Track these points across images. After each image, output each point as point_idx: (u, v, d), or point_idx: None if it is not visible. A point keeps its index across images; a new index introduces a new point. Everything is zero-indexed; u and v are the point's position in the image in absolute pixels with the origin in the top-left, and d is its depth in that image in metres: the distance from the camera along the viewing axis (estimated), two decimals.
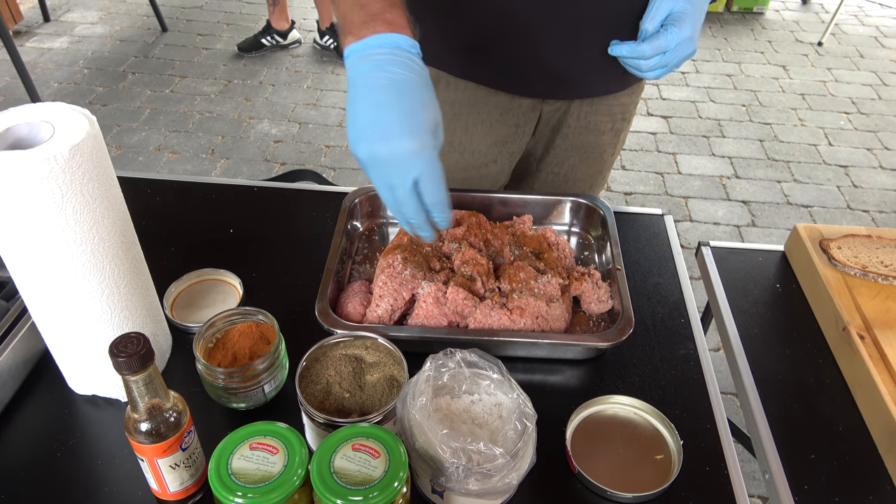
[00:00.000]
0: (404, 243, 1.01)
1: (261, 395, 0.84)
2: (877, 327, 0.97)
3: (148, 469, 0.70)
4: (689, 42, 0.99)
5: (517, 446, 0.71)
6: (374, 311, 0.93)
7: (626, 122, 1.31)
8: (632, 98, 1.27)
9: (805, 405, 0.93)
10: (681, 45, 0.98)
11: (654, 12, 0.98)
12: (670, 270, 1.09)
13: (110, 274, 0.77)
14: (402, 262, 0.97)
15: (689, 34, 0.98)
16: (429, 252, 1.01)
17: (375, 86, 0.78)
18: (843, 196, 3.06)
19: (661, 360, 0.95)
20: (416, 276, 0.96)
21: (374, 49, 0.79)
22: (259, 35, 3.92)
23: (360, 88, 0.78)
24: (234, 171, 3.08)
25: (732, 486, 0.80)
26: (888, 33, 4.51)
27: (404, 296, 0.94)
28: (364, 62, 0.79)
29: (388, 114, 0.77)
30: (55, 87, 3.59)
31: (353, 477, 0.63)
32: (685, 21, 0.97)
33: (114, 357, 0.60)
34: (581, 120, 1.25)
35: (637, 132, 3.39)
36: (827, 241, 1.10)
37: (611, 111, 1.26)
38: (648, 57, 0.99)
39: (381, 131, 0.76)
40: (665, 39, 0.97)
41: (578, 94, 1.21)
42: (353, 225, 1.10)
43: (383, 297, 0.94)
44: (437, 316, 0.92)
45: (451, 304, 0.92)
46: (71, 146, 0.67)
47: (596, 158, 1.32)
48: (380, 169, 0.78)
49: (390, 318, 0.93)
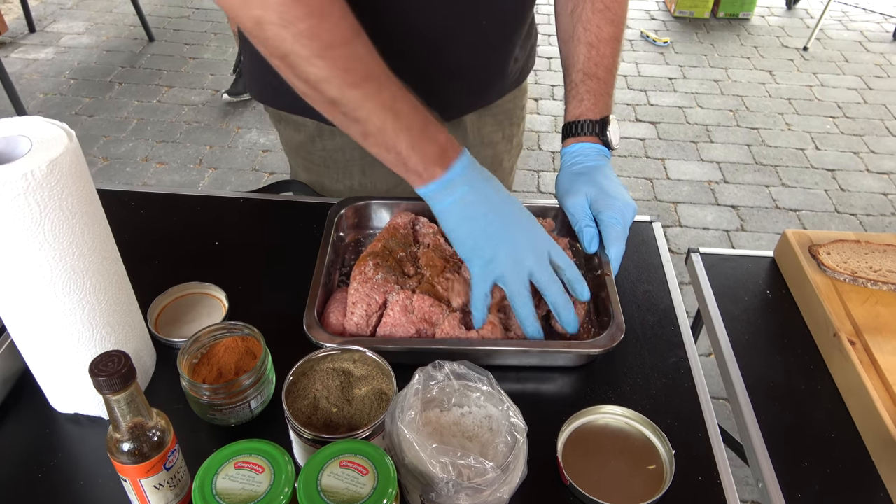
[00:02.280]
0: (377, 250, 1.00)
1: (247, 411, 0.83)
2: (867, 333, 0.96)
3: (131, 490, 0.69)
4: (621, 212, 1.01)
5: (508, 459, 0.70)
6: (351, 318, 0.92)
7: (515, 126, 1.33)
8: (515, 103, 1.30)
9: (797, 412, 0.93)
10: (623, 220, 1.01)
11: (585, 237, 1.01)
12: (659, 278, 1.09)
13: (91, 290, 0.75)
14: (374, 267, 0.96)
15: (618, 216, 1.01)
16: (403, 258, 1.00)
17: (473, 214, 0.88)
18: (830, 200, 3.08)
19: (651, 369, 0.94)
20: (388, 281, 0.95)
21: (448, 184, 0.87)
22: (242, 76, 3.72)
23: (456, 216, 0.89)
24: (222, 180, 3.07)
25: (725, 495, 0.79)
26: (872, 38, 4.55)
27: (377, 299, 0.93)
28: (446, 197, 0.88)
29: (501, 214, 0.89)
30: (41, 99, 3.57)
31: (341, 495, 0.61)
32: (609, 207, 1.01)
33: (94, 376, 0.59)
34: (475, 135, 1.27)
35: (626, 138, 3.40)
36: (816, 246, 1.10)
37: (497, 119, 1.28)
38: (619, 254, 1.01)
39: (503, 228, 0.88)
40: (614, 247, 1.00)
41: (470, 106, 1.22)
42: (339, 236, 1.09)
43: (356, 303, 0.93)
44: (405, 324, 0.91)
45: (418, 312, 0.92)
46: (49, 161, 0.65)
47: (497, 168, 1.34)
48: (513, 262, 0.87)
49: (367, 324, 0.92)
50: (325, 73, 0.81)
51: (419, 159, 0.86)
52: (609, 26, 1.07)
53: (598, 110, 1.07)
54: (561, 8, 1.11)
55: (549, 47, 4.15)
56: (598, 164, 1.06)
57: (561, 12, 1.11)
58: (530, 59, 1.28)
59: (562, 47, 1.12)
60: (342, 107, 0.83)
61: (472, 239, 0.89)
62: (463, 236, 0.89)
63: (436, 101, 1.17)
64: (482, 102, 1.23)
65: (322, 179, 1.26)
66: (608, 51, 1.07)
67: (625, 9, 1.09)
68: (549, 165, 3.23)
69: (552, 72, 4.02)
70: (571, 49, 1.09)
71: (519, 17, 1.12)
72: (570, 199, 1.03)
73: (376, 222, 1.14)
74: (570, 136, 1.08)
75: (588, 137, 1.07)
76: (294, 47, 0.79)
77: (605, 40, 1.07)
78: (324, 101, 0.84)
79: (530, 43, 1.23)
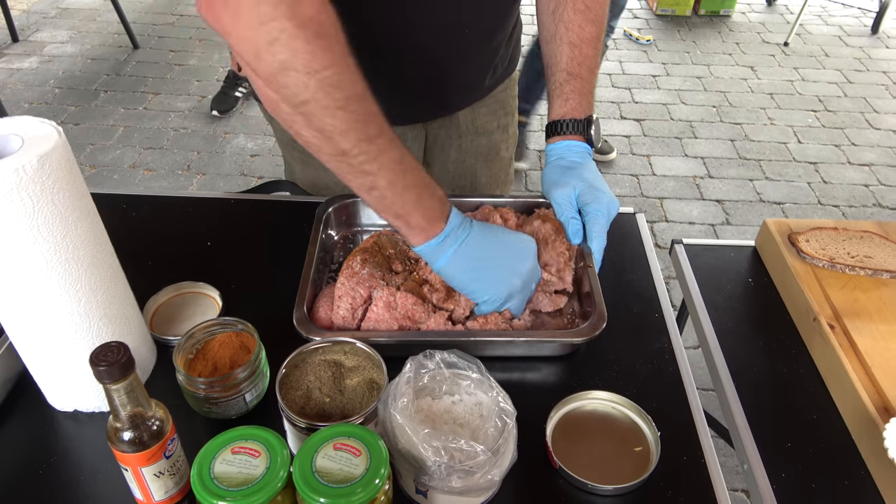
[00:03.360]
0: (368, 246, 1.02)
1: (242, 403, 0.84)
2: (846, 317, 0.99)
3: (132, 478, 0.70)
4: (607, 206, 1.05)
5: (498, 443, 0.72)
6: (337, 312, 0.94)
7: (509, 115, 1.36)
8: (507, 93, 1.32)
9: (780, 396, 0.95)
10: (608, 214, 1.05)
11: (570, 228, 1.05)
12: (643, 267, 1.11)
13: (86, 282, 0.77)
14: (361, 262, 0.98)
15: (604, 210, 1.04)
16: (392, 254, 1.02)
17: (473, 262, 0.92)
18: (813, 192, 3.12)
19: (636, 355, 0.96)
20: (374, 276, 0.96)
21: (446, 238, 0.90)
22: (226, 89, 3.58)
23: (460, 268, 0.92)
24: (210, 185, 3.07)
25: (710, 473, 0.82)
26: (851, 32, 4.60)
27: (361, 293, 0.95)
28: (447, 249, 0.91)
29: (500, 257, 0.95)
30: (26, 108, 3.56)
31: (335, 475, 0.63)
32: (596, 200, 1.04)
33: (94, 366, 0.61)
34: (469, 126, 1.29)
35: (611, 135, 3.43)
36: (795, 234, 1.12)
37: (491, 109, 1.30)
38: (601, 247, 1.05)
39: (503, 271, 0.94)
40: (597, 240, 1.03)
41: (460, 104, 1.25)
42: (327, 234, 1.10)
43: (342, 297, 0.94)
44: (388, 320, 0.93)
45: (401, 309, 0.94)
46: (39, 156, 0.67)
47: (493, 158, 1.37)
48: (521, 287, 0.95)
49: (353, 317, 0.94)
50: (344, 126, 0.79)
51: (422, 216, 0.88)
52: (590, 26, 1.09)
53: (582, 110, 1.10)
54: (542, 7, 1.13)
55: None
56: (584, 160, 1.09)
57: (542, 12, 1.13)
58: (517, 50, 1.30)
59: (544, 47, 1.14)
60: (353, 159, 0.82)
61: (476, 284, 0.93)
62: (466, 283, 0.94)
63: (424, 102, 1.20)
64: (473, 99, 1.25)
65: (318, 173, 1.28)
66: (590, 50, 1.10)
67: (605, 9, 1.11)
68: (535, 164, 3.25)
69: None
70: (554, 49, 1.11)
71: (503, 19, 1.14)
72: (558, 191, 1.05)
73: (364, 219, 1.16)
74: (556, 135, 1.11)
75: (573, 136, 1.09)
76: (317, 95, 0.76)
77: (587, 40, 1.09)
78: (333, 152, 0.82)
79: (515, 37, 1.26)
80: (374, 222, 1.15)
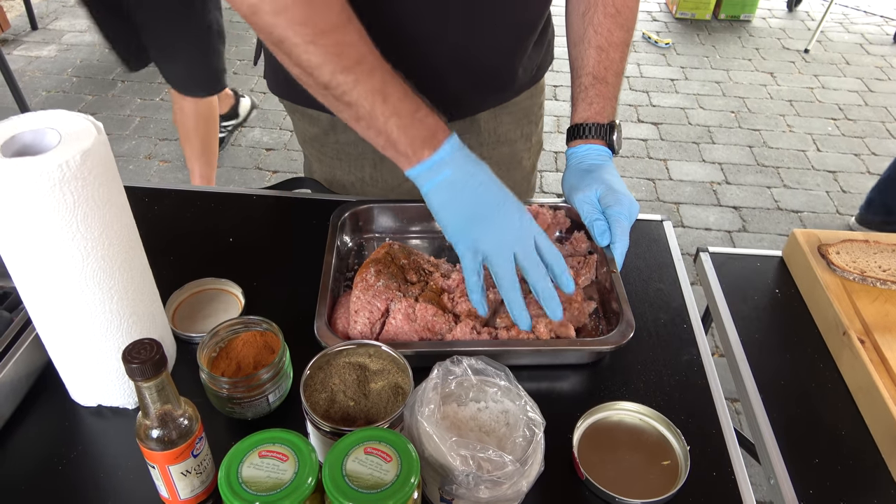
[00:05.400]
0: (380, 257, 1.00)
1: (265, 404, 0.83)
2: (876, 331, 0.97)
3: (159, 476, 0.70)
4: (629, 209, 1.02)
5: (526, 453, 0.71)
6: (354, 326, 0.92)
7: (533, 124, 1.33)
8: (533, 101, 1.30)
9: (807, 410, 0.94)
10: (629, 217, 1.02)
11: (595, 228, 1.01)
12: (671, 276, 1.10)
13: (120, 279, 0.76)
14: (375, 274, 0.96)
15: (626, 212, 1.01)
16: (406, 265, 1.01)
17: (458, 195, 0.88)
18: (832, 201, 3.09)
19: (664, 366, 0.95)
20: (390, 287, 0.95)
21: (435, 166, 0.87)
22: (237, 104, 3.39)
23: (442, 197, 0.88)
24: (225, 178, 3.07)
25: (740, 491, 0.80)
26: (873, 40, 4.57)
27: (379, 307, 0.93)
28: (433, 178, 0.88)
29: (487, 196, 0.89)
30: (43, 96, 3.57)
31: (365, 480, 0.62)
32: (618, 203, 1.01)
33: (127, 363, 0.60)
34: (491, 134, 1.27)
35: (628, 139, 3.41)
36: (825, 246, 1.10)
37: (514, 118, 1.28)
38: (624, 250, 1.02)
39: (488, 210, 0.88)
40: (620, 242, 1.00)
41: (482, 105, 1.23)
42: (342, 240, 1.09)
43: (359, 311, 0.93)
44: (408, 332, 0.91)
45: (420, 321, 0.92)
46: (82, 151, 0.67)
47: (516, 167, 1.35)
48: (498, 241, 0.87)
49: (371, 332, 0.92)
50: (317, 60, 0.82)
51: (408, 142, 0.87)
52: (619, 31, 1.08)
53: (606, 114, 1.09)
54: (572, 10, 1.12)
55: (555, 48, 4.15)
56: (604, 163, 1.08)
57: (572, 14, 1.12)
58: (547, 56, 1.28)
59: (571, 49, 1.13)
60: (333, 91, 0.85)
61: (458, 219, 0.89)
62: (448, 217, 0.89)
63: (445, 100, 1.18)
64: (496, 101, 1.24)
65: (334, 171, 1.27)
66: (617, 55, 1.09)
67: (635, 14, 1.10)
68: (551, 165, 3.24)
69: (553, 72, 4.01)
70: (581, 52, 1.10)
71: (532, 20, 1.12)
72: (580, 195, 1.04)
73: (378, 226, 1.15)
74: (578, 138, 1.10)
75: (595, 140, 1.09)
76: (287, 34, 0.81)
77: (615, 45, 1.08)
78: (317, 86, 0.86)
79: (546, 40, 1.24)
80: (389, 227, 1.15)
